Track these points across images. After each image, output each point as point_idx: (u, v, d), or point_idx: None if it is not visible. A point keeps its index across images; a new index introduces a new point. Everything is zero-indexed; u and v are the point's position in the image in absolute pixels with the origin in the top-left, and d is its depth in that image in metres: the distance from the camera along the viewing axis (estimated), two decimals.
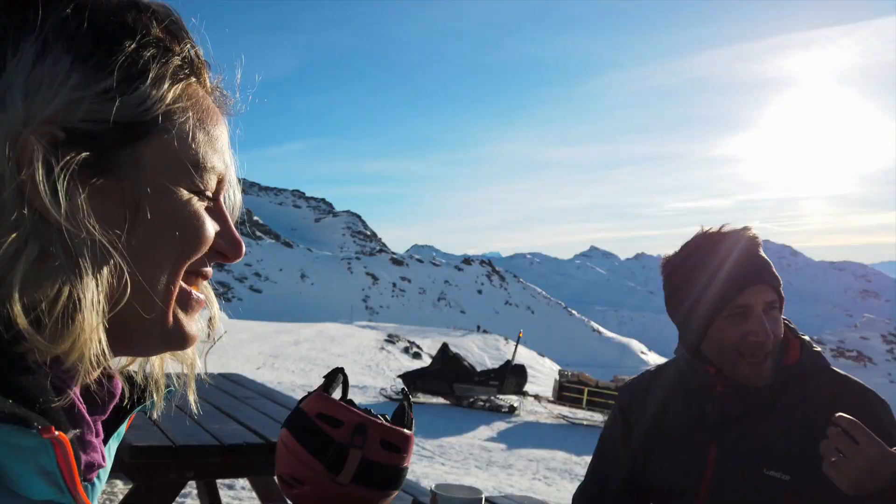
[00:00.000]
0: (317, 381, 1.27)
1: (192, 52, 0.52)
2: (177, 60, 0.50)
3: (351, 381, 1.27)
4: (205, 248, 0.51)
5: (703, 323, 1.47)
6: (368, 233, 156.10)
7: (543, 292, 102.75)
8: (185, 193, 0.50)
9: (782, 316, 1.57)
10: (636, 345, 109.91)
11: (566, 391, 14.31)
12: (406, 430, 1.21)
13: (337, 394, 1.24)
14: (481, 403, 14.30)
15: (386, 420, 1.21)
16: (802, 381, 1.49)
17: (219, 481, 3.88)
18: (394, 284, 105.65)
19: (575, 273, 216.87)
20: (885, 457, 1.16)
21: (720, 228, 1.52)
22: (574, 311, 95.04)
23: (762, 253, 1.50)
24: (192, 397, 0.56)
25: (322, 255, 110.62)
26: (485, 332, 44.27)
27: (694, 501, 1.47)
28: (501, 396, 14.72)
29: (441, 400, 14.56)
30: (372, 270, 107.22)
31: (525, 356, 35.12)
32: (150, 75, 0.47)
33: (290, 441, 1.14)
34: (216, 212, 0.53)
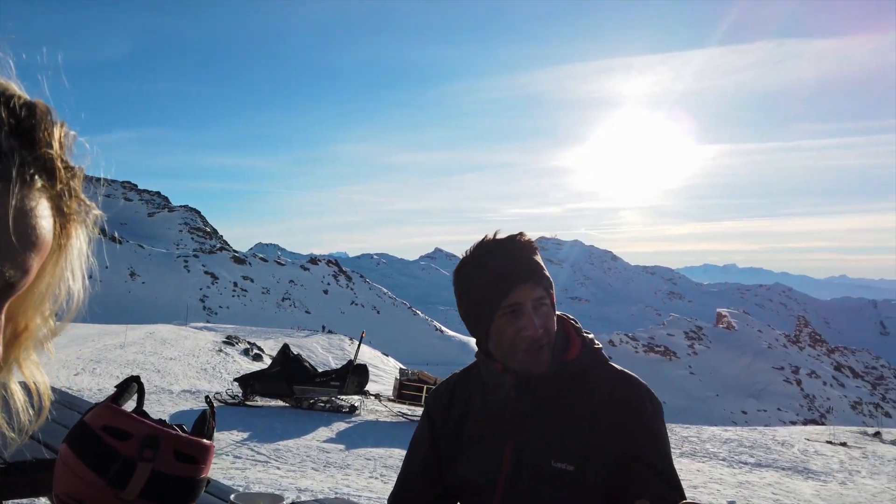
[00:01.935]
0: (143, 388, 1.21)
1: None
2: None
3: (185, 386, 1.23)
4: None
5: (484, 323, 1.55)
6: (208, 229, 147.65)
7: (389, 292, 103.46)
8: None
9: (567, 313, 1.69)
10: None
11: (406, 389, 14.58)
12: (205, 440, 1.17)
13: (132, 405, 1.16)
14: (322, 404, 14.18)
15: (183, 430, 1.16)
16: (583, 376, 1.59)
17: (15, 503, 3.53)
18: (235, 284, 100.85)
19: (420, 274, 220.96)
20: None
21: (495, 235, 1.59)
22: (418, 311, 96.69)
23: (535, 255, 1.59)
24: None
25: (155, 253, 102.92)
26: (330, 332, 43.70)
27: (492, 498, 1.53)
28: (342, 397, 14.69)
29: (280, 402, 14.23)
30: (211, 269, 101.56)
31: (369, 356, 35.20)
32: None
33: (69, 457, 1.05)
34: None
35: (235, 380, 14.71)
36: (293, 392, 13.95)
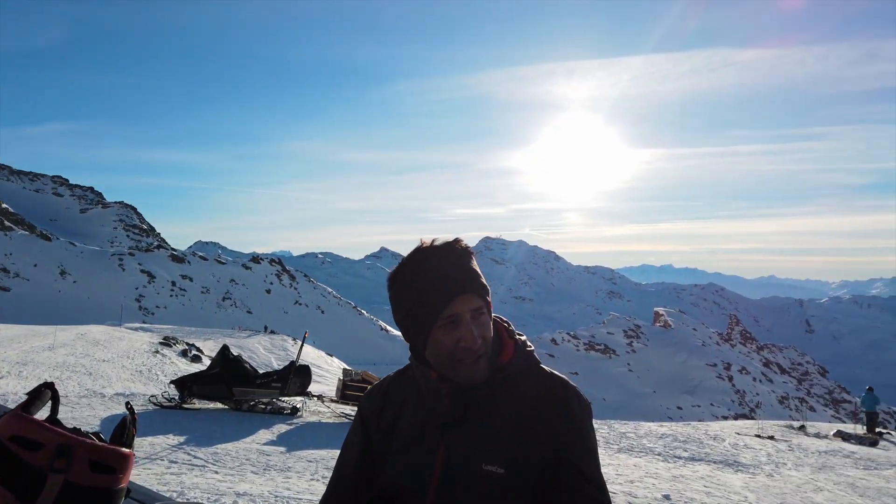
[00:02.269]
0: (74, 391, 1.15)
1: None
2: None
3: (118, 389, 1.18)
4: None
5: (421, 333, 1.55)
6: (145, 227, 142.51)
7: (334, 292, 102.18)
8: None
9: (504, 318, 1.70)
10: None
11: (350, 390, 14.43)
12: (123, 449, 1.13)
13: (44, 413, 1.11)
14: (263, 406, 13.91)
15: (101, 439, 1.12)
16: (515, 379, 1.59)
17: None
18: (173, 283, 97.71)
19: (365, 273, 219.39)
20: None
21: (432, 242, 1.58)
22: (364, 311, 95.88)
23: (472, 263, 1.57)
24: None
25: (88, 250, 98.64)
26: (272, 332, 42.86)
27: (423, 501, 1.53)
28: (284, 398, 14.45)
29: (219, 405, 13.89)
30: (148, 268, 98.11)
31: (313, 356, 34.74)
32: None
33: None
34: None
35: (172, 382, 14.27)
36: (233, 394, 13.64)
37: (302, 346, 15.98)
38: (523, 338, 1.69)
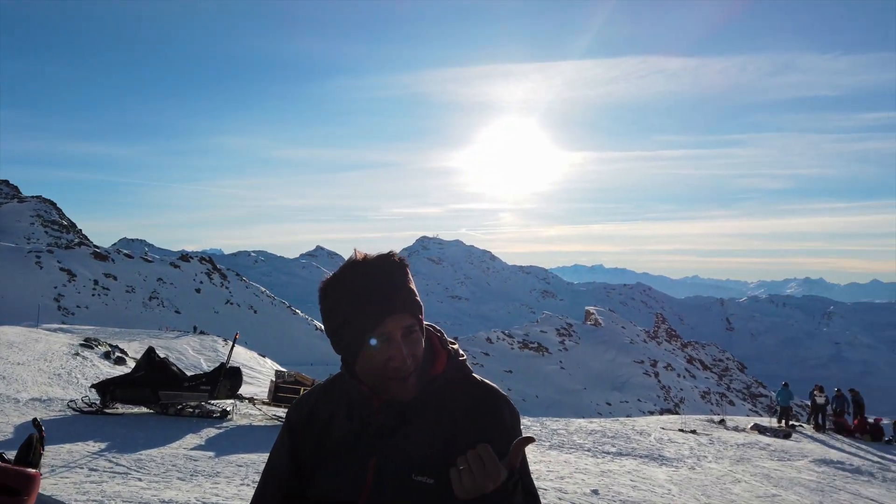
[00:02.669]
0: None
1: None
2: None
3: (35, 393, 1.13)
4: None
5: (351, 350, 1.54)
6: (65, 223, 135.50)
7: (267, 291, 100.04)
8: None
9: (437, 326, 1.69)
10: None
11: (282, 392, 14.16)
12: (29, 469, 1.08)
13: None
14: (190, 410, 13.49)
15: (3, 458, 1.07)
16: (447, 390, 1.60)
17: None
18: (95, 282, 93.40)
19: (300, 272, 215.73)
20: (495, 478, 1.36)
21: (364, 257, 1.56)
22: (298, 311, 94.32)
23: (406, 279, 1.55)
24: None
25: (2, 247, 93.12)
26: (202, 333, 41.52)
27: None
28: (214, 401, 14.06)
29: (144, 409, 13.38)
30: (68, 266, 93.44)
31: (245, 357, 33.86)
32: None
33: None
34: None
35: (93, 386, 13.65)
36: (159, 398, 13.17)
37: (233, 347, 15.59)
38: (455, 346, 1.69)
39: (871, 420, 22.57)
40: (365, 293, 1.51)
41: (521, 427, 1.66)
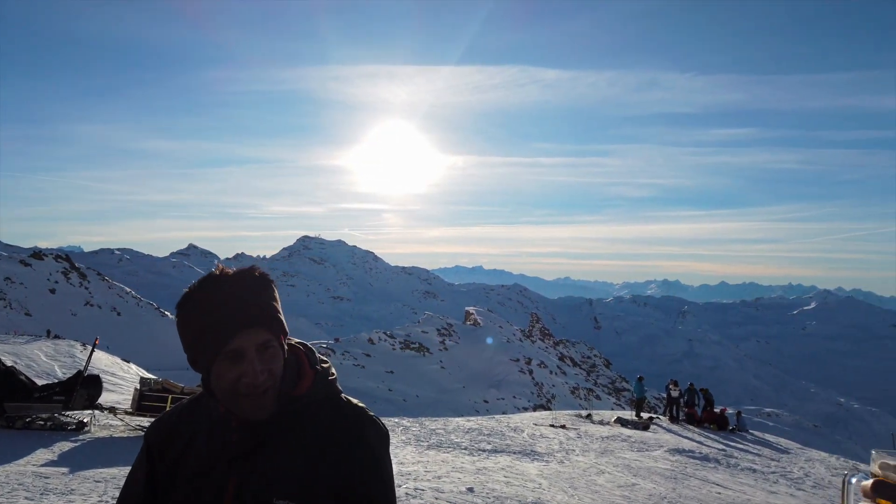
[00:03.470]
0: None
1: None
2: None
3: None
4: None
5: (203, 365, 1.50)
6: None
7: (133, 292, 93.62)
8: None
9: (307, 344, 1.66)
10: None
11: (147, 400, 13.32)
12: None
13: None
14: (41, 423, 12.39)
15: None
16: (312, 410, 1.56)
17: None
18: None
19: (171, 272, 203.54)
20: None
21: (222, 270, 1.53)
22: (168, 313, 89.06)
23: (266, 293, 1.52)
24: None
25: None
26: (57, 337, 38.19)
27: None
28: (69, 413, 12.99)
29: None
30: None
31: (106, 363, 31.52)
32: None
33: None
34: None
35: None
36: (4, 410, 11.99)
37: (92, 352, 14.49)
38: (326, 366, 1.67)
39: (717, 410, 24.89)
40: (218, 307, 1.47)
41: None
